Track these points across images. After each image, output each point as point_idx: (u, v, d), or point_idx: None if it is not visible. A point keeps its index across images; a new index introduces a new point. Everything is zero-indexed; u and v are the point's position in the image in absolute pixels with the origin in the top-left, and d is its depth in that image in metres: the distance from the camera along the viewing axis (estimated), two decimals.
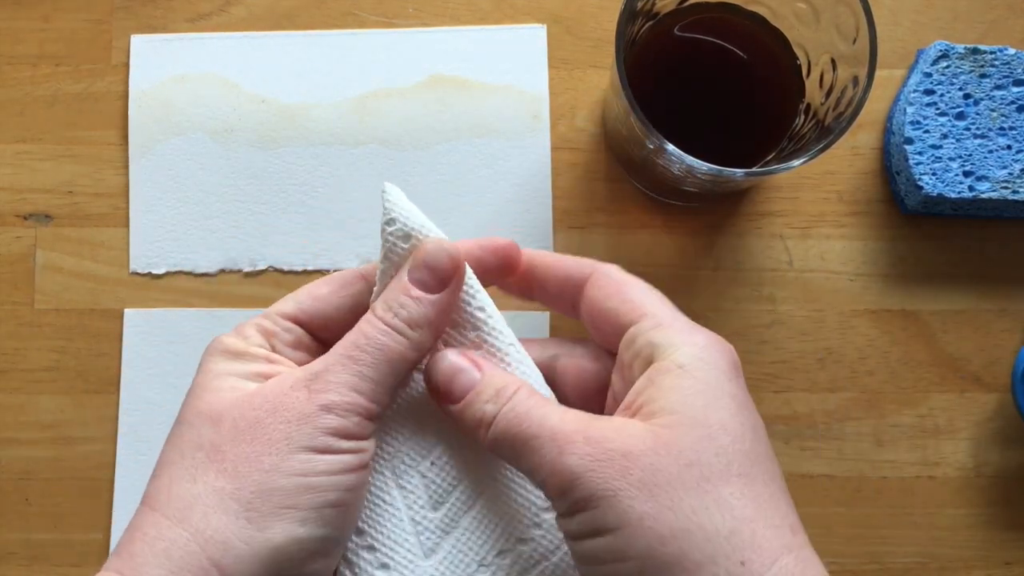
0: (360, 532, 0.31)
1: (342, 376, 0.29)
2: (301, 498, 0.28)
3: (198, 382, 0.31)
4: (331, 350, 0.30)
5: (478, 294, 0.32)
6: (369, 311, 0.31)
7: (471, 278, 0.32)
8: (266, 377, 0.30)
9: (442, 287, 0.30)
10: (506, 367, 0.32)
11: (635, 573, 0.26)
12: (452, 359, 0.31)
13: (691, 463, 0.27)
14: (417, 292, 0.30)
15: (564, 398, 0.33)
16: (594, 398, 0.33)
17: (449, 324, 0.32)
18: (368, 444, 0.30)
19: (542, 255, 0.34)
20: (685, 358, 0.29)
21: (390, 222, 0.31)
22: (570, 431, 0.28)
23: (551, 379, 0.34)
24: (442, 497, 0.31)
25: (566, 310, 0.34)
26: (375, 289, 0.32)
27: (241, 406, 0.29)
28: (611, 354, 0.32)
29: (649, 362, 0.29)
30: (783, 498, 0.28)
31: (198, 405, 0.29)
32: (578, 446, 0.27)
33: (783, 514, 0.27)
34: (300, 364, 0.31)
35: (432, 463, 0.31)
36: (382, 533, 0.31)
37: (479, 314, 0.32)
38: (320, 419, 0.28)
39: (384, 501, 0.31)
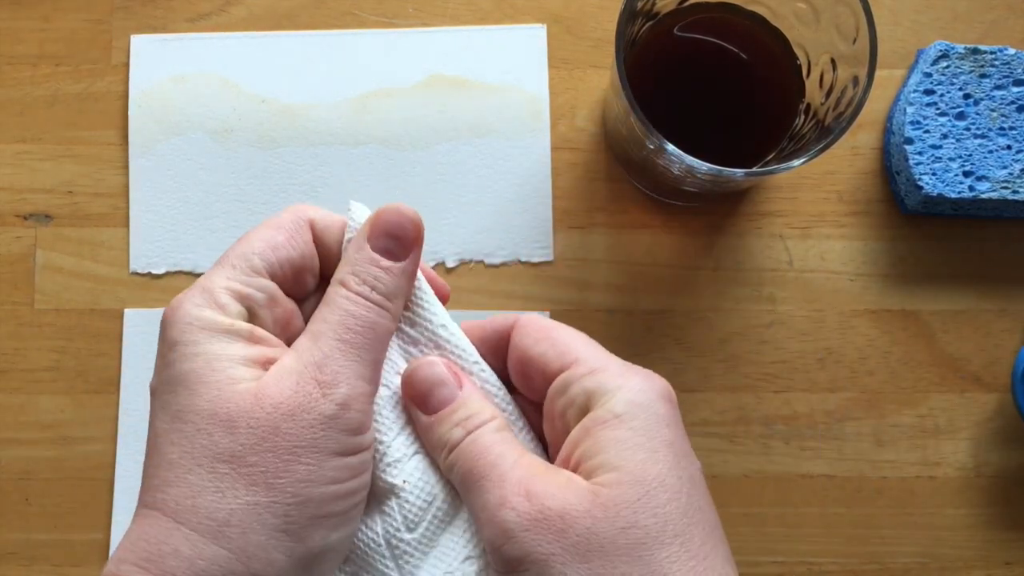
0: (347, 560, 0.30)
1: (346, 364, 0.28)
2: (337, 505, 0.28)
3: (186, 371, 0.28)
4: (314, 331, 0.29)
5: (438, 311, 0.31)
6: (339, 286, 0.29)
7: (428, 294, 0.31)
8: (260, 363, 0.29)
9: (407, 253, 0.30)
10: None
11: None
12: (438, 370, 0.30)
13: (628, 526, 0.26)
14: (387, 262, 0.29)
15: None
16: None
17: (410, 342, 0.31)
18: (373, 428, 0.30)
19: (467, 324, 0.33)
20: (621, 406, 0.28)
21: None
22: (514, 481, 0.27)
23: None
24: (418, 517, 0.30)
25: (499, 369, 0.32)
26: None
27: (253, 410, 0.27)
28: (535, 406, 0.32)
29: (584, 410, 0.29)
30: (718, 553, 0.27)
31: (199, 404, 0.28)
32: (518, 501, 0.27)
33: (718, 572, 0.27)
34: (278, 322, 0.30)
35: (405, 480, 0.31)
36: (366, 562, 0.30)
37: (441, 332, 0.31)
38: (342, 419, 0.28)
39: (366, 526, 0.30)
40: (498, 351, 0.32)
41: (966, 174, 0.45)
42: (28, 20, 0.49)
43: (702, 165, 0.38)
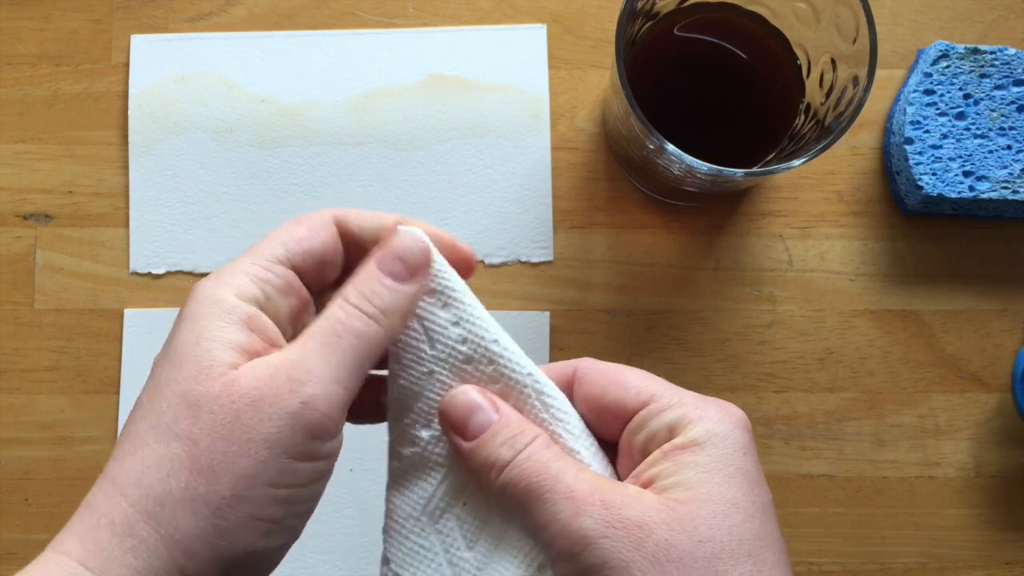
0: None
1: (322, 365, 0.28)
2: (273, 510, 0.27)
3: (178, 342, 0.28)
4: (304, 335, 0.29)
5: (490, 327, 0.31)
6: (339, 297, 0.30)
7: (478, 309, 0.31)
8: (248, 352, 0.29)
9: (411, 276, 0.30)
10: (530, 407, 0.31)
11: None
12: (471, 396, 0.30)
13: (704, 540, 0.27)
14: (387, 280, 0.30)
15: None
16: None
17: (464, 360, 0.31)
18: (339, 441, 0.29)
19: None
20: (702, 434, 0.29)
21: None
22: (586, 492, 0.28)
23: None
24: (475, 536, 0.31)
25: None
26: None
27: (220, 397, 0.27)
28: (610, 443, 0.32)
29: (664, 443, 0.29)
30: None
31: (175, 380, 0.28)
32: (595, 509, 0.27)
33: None
34: (291, 311, 0.31)
35: (464, 503, 0.31)
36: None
37: (494, 347, 0.31)
38: (303, 417, 0.27)
39: (423, 547, 0.31)
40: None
41: (966, 174, 0.45)
42: (28, 20, 0.49)
43: (702, 165, 0.38)
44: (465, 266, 0.33)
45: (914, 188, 0.45)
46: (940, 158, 0.45)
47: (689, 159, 0.37)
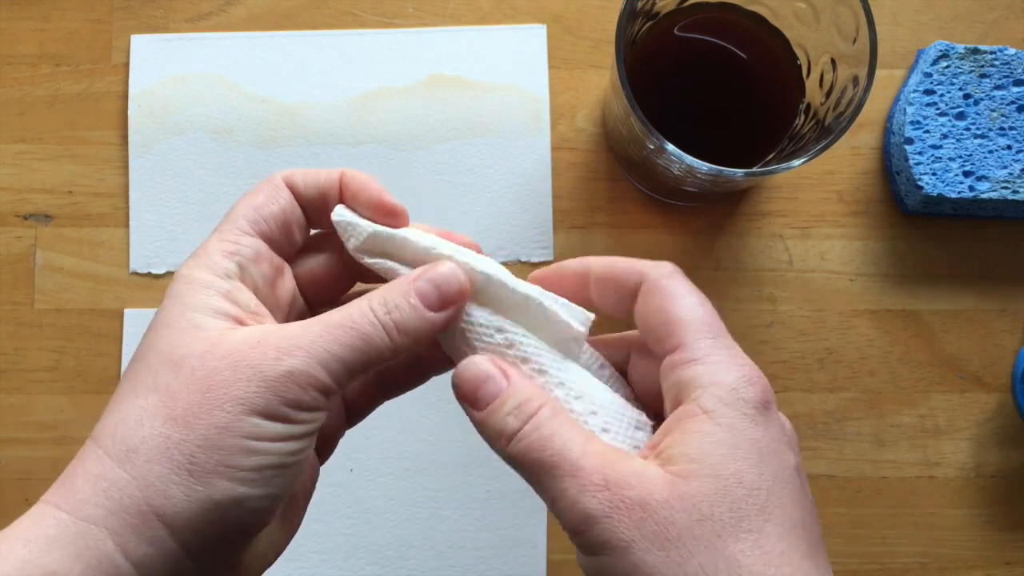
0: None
1: (314, 346, 0.28)
2: (245, 460, 0.27)
3: (161, 317, 0.29)
4: (313, 319, 0.29)
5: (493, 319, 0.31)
6: (365, 297, 0.30)
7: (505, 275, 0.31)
8: (232, 317, 0.29)
9: (441, 308, 0.30)
10: (542, 376, 0.31)
11: None
12: (481, 366, 0.30)
13: (704, 518, 0.27)
14: (416, 302, 0.30)
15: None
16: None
17: (478, 325, 0.31)
18: (321, 415, 0.29)
19: (595, 261, 0.33)
20: (711, 402, 0.29)
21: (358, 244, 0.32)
22: (591, 469, 0.28)
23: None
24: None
25: (627, 319, 0.33)
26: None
27: (203, 354, 0.28)
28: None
29: (678, 401, 0.29)
30: (797, 551, 0.28)
31: (159, 344, 0.29)
32: (597, 490, 0.28)
33: (794, 568, 0.27)
34: (266, 280, 0.31)
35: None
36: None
37: (509, 316, 0.31)
38: (280, 386, 0.28)
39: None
40: (624, 300, 0.32)
41: (966, 174, 0.45)
42: (28, 20, 0.49)
43: (702, 165, 0.38)
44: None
45: (914, 188, 0.45)
46: (940, 158, 0.45)
47: (689, 159, 0.37)
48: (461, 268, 0.31)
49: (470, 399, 0.30)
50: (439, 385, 0.47)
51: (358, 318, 0.29)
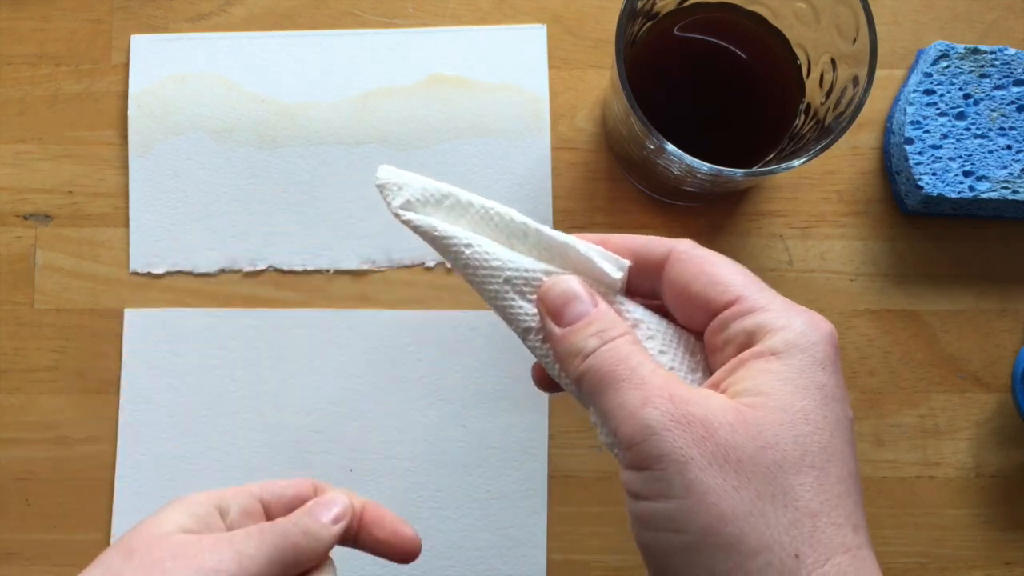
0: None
1: (240, 546, 0.31)
2: None
3: (143, 520, 0.33)
4: (255, 526, 0.33)
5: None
6: (301, 509, 0.34)
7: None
8: (195, 533, 0.32)
9: (334, 523, 0.34)
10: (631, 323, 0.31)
11: (687, 548, 0.26)
12: (573, 285, 0.31)
13: (767, 446, 0.27)
14: (327, 520, 0.34)
15: None
16: None
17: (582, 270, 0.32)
18: None
19: (614, 238, 0.33)
20: (779, 344, 0.28)
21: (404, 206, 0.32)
22: (657, 385, 0.28)
23: None
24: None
25: (646, 294, 0.33)
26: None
27: (153, 548, 0.31)
28: (696, 332, 0.32)
29: (743, 348, 0.29)
30: (851, 496, 0.28)
31: (125, 537, 0.32)
32: (662, 401, 0.27)
33: (848, 512, 0.27)
34: (244, 511, 0.34)
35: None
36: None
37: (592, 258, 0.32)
38: None
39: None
40: (646, 272, 0.32)
41: (966, 174, 0.45)
42: (28, 20, 0.49)
43: (702, 165, 0.38)
44: (400, 550, 0.36)
45: (914, 188, 0.45)
46: (940, 158, 0.45)
47: (689, 159, 0.37)
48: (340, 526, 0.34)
49: (555, 313, 0.31)
50: (439, 385, 0.47)
51: (291, 528, 0.33)
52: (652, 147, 0.39)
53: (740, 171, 0.38)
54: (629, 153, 0.45)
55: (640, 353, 0.29)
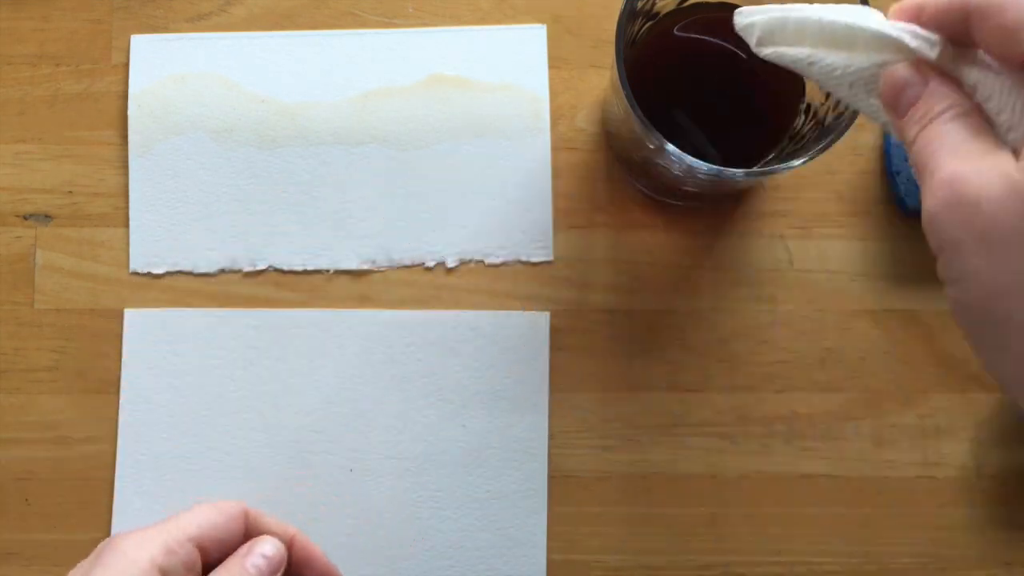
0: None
1: None
2: None
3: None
4: None
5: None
6: (237, 555, 0.37)
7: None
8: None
9: (271, 573, 0.37)
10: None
11: (975, 325, 0.27)
12: (901, 73, 0.30)
13: None
14: (253, 570, 0.37)
15: None
16: None
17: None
18: None
19: (927, 8, 0.30)
20: None
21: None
22: (948, 170, 0.27)
23: None
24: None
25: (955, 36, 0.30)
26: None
27: None
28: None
29: None
30: None
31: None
32: (941, 186, 0.26)
33: None
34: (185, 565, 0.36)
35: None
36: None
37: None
38: None
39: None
40: (959, 36, 0.29)
41: None
42: (28, 20, 0.49)
43: (702, 165, 0.38)
44: None
45: (914, 188, 0.45)
46: None
47: (689, 159, 0.37)
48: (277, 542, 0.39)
49: (892, 106, 0.30)
50: (439, 385, 0.47)
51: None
52: (652, 147, 0.39)
53: (740, 171, 0.38)
54: (629, 153, 0.45)
55: (952, 131, 0.28)
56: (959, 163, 0.27)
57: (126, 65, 0.49)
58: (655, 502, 0.46)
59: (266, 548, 0.38)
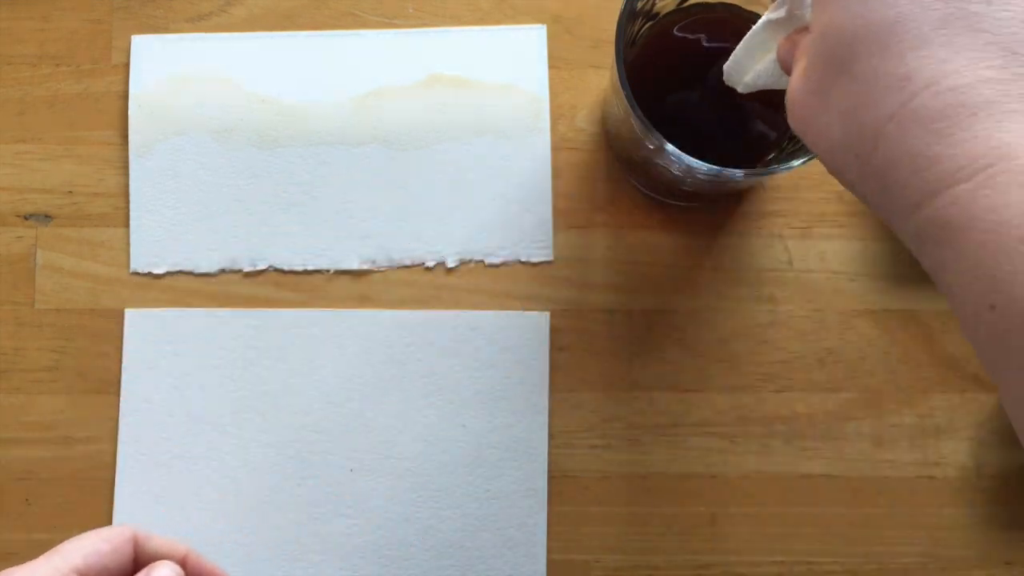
0: None
1: None
2: None
3: None
4: None
5: None
6: None
7: None
8: None
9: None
10: None
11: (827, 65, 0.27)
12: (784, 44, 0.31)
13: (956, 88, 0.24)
14: None
15: None
16: None
17: None
18: None
19: None
20: None
21: None
22: None
23: None
24: None
25: None
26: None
27: None
28: None
29: None
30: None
31: None
32: None
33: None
34: None
35: None
36: None
37: None
38: None
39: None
40: None
41: None
42: (28, 20, 0.49)
43: (702, 165, 0.38)
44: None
45: None
46: None
47: (689, 159, 0.37)
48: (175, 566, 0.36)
49: (784, 60, 0.32)
50: (439, 385, 0.47)
51: None
52: (652, 147, 0.39)
53: (740, 171, 0.38)
54: (629, 153, 0.45)
55: None
56: None
57: (126, 65, 0.49)
58: (655, 502, 0.46)
59: (163, 573, 0.36)
